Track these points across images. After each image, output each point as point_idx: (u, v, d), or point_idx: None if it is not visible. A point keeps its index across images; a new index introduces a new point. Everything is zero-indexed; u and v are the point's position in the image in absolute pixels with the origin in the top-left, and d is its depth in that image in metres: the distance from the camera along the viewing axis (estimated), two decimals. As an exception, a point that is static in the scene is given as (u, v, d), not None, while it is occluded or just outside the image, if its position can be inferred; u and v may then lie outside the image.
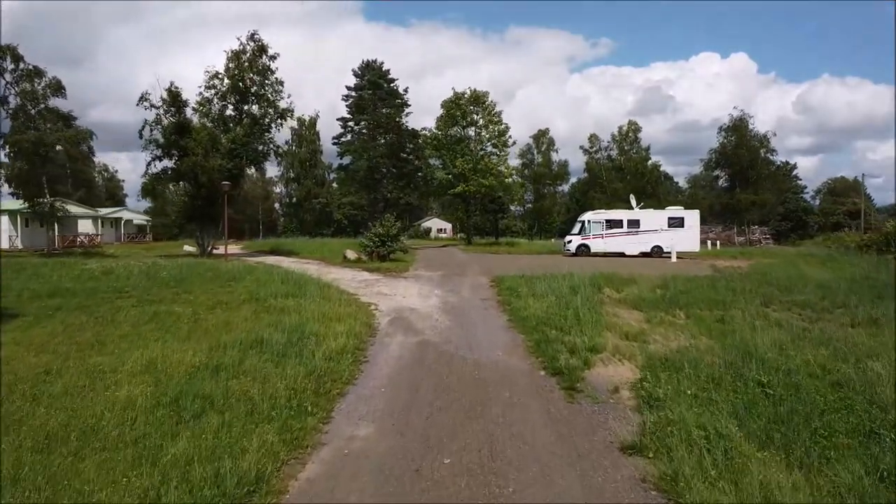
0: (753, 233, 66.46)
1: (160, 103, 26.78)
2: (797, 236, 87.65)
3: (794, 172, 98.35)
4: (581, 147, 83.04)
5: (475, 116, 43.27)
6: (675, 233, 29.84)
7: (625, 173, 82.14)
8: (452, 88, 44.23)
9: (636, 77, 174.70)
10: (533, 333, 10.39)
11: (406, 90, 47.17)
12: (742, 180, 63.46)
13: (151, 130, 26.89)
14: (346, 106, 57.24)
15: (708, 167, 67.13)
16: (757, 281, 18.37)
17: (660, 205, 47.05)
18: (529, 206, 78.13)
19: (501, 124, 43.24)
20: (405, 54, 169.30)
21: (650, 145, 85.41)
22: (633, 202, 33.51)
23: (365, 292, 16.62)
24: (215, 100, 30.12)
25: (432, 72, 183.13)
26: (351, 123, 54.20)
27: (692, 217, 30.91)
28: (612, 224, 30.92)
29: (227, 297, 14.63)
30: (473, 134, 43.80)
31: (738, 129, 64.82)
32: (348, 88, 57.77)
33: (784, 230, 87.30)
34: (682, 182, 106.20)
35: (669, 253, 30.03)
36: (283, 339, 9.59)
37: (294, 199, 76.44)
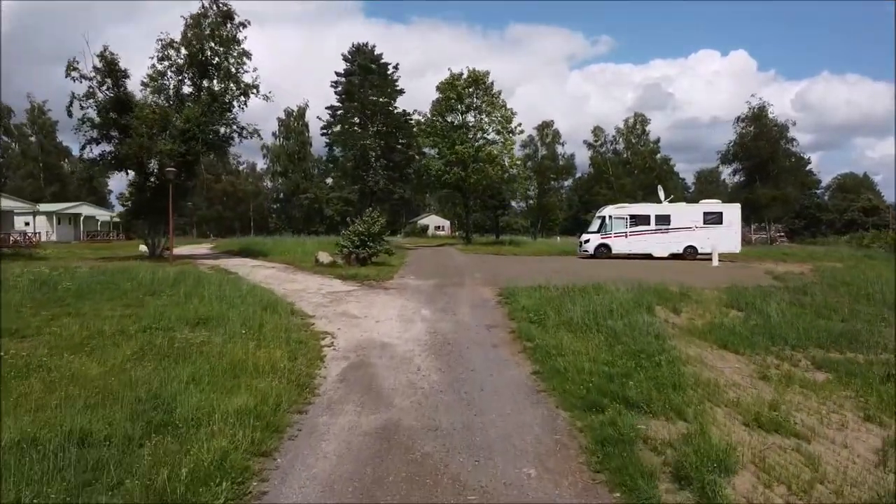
0: (773, 230, 62.04)
1: (93, 73, 22.09)
2: (809, 234, 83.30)
3: (808, 167, 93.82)
4: (584, 141, 78.62)
5: (474, 100, 38.50)
6: (713, 231, 25.21)
7: (632, 168, 77.70)
8: (449, 69, 39.59)
9: (636, 75, 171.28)
10: (587, 413, 5.78)
11: (396, 66, 42.34)
12: (762, 174, 58.82)
13: (82, 106, 22.20)
14: (336, 93, 52.59)
15: (725, 160, 62.36)
16: (853, 295, 13.86)
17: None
18: (532, 201, 73.38)
19: (505, 109, 38.50)
20: (406, 52, 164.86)
21: (659, 138, 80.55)
22: (662, 194, 28.82)
23: (326, 313, 12.05)
24: (169, 73, 25.46)
25: (433, 69, 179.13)
26: (341, 112, 49.50)
27: (732, 212, 26.25)
28: (638, 220, 26.25)
29: (120, 322, 10.08)
30: (473, 119, 39.08)
31: (757, 119, 60.22)
32: (338, 75, 53.13)
33: (797, 228, 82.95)
34: (688, 179, 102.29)
35: (705, 254, 25.46)
36: (121, 432, 5.07)
37: (281, 195, 71.80)
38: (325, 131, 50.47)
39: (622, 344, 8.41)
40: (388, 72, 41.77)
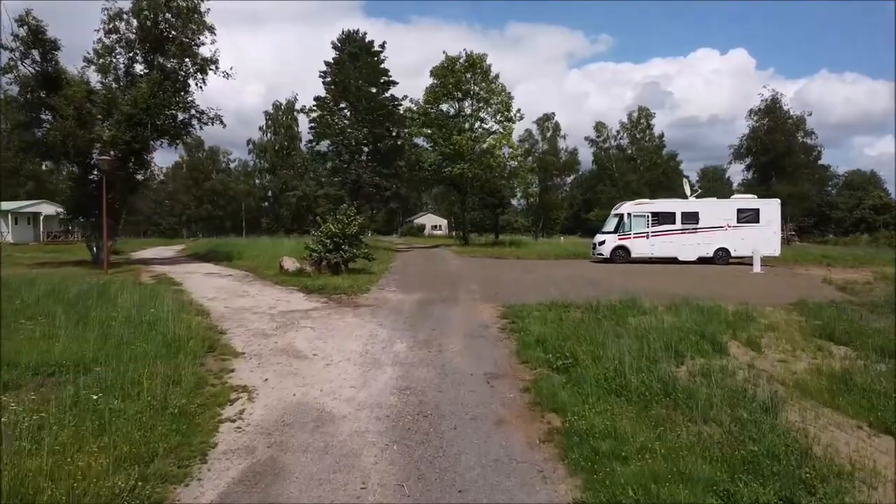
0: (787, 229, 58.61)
1: (14, 42, 18.50)
2: (819, 232, 79.93)
3: (819, 161, 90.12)
4: (586, 137, 74.99)
5: (472, 85, 34.98)
6: (748, 230, 21.74)
7: (638, 164, 74.20)
8: (444, 52, 36.07)
9: (635, 73, 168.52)
10: None
11: (383, 45, 38.39)
12: (778, 169, 55.31)
13: (-2, 82, 18.62)
14: (324, 84, 49.03)
15: (738, 155, 58.77)
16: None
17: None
18: (532, 199, 69.95)
19: (505, 94, 35.00)
20: (405, 51, 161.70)
21: (663, 133, 76.93)
22: (688, 189, 25.30)
23: (261, 349, 8.58)
24: (118, 48, 21.88)
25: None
26: (328, 102, 45.76)
27: (770, 208, 22.73)
28: (661, 218, 22.69)
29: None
30: (469, 107, 35.55)
31: (771, 112, 56.77)
32: (327, 64, 49.59)
33: (807, 226, 79.61)
34: (690, 177, 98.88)
35: (738, 258, 22.05)
36: None
37: (269, 193, 68.32)
38: (312, 125, 46.98)
39: (715, 425, 4.97)
40: (375, 52, 37.76)
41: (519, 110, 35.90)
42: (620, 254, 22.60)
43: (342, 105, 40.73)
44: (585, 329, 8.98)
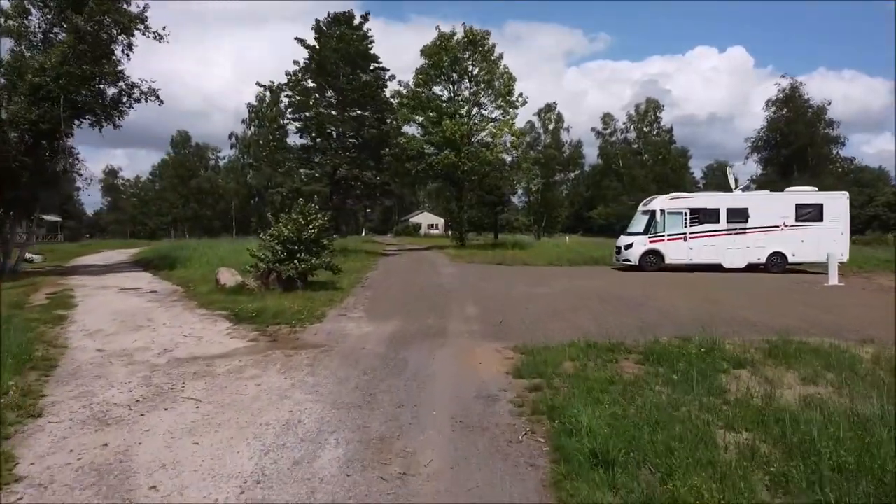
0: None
1: None
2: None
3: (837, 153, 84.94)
4: (593, 129, 71.27)
5: (471, 66, 30.85)
6: (809, 231, 17.72)
7: (645, 159, 70.20)
8: (437, 27, 32.00)
9: (634, 72, 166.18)
10: None
11: (366, 16, 33.78)
12: (800, 163, 51.10)
13: None
14: (310, 71, 44.65)
15: (755, 148, 54.49)
16: None
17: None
18: (534, 196, 65.75)
19: (508, 77, 30.85)
20: (404, 50, 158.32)
21: (672, 126, 73.10)
22: (732, 180, 21.23)
23: (65, 467, 4.43)
24: (33, 10, 17.77)
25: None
26: (306, 82, 40.93)
27: (836, 204, 18.69)
28: (702, 216, 18.57)
29: None
30: (467, 90, 31.45)
31: (790, 101, 52.60)
32: (311, 50, 45.24)
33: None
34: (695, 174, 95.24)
35: (796, 264, 18.03)
36: None
37: (254, 191, 64.17)
38: (295, 113, 42.62)
39: None
40: (357, 27, 33.38)
41: (521, 94, 31.81)
42: (652, 260, 18.47)
43: (324, 90, 36.50)
44: (673, 410, 4.93)
